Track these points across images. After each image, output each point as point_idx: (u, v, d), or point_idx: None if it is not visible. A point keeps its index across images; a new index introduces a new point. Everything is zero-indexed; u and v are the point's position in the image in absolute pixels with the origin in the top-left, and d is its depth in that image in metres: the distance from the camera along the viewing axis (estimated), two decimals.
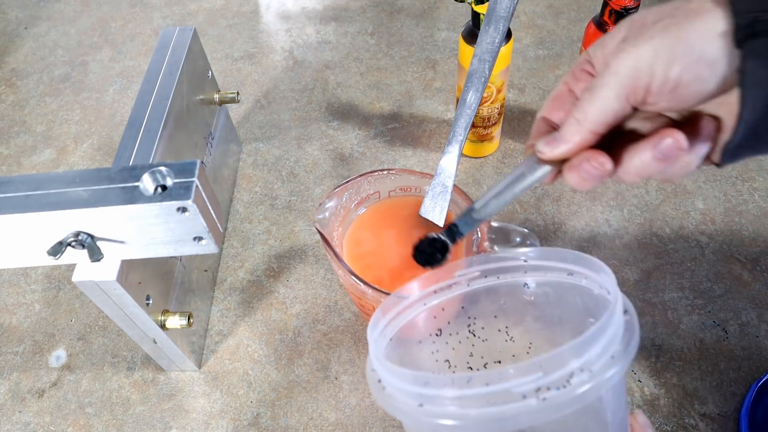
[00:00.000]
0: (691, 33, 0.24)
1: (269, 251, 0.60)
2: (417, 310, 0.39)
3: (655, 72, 0.25)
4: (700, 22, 0.24)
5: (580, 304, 0.36)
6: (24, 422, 0.50)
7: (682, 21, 0.24)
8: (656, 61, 0.25)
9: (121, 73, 0.80)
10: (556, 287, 0.37)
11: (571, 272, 0.35)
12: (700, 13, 0.24)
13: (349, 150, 0.68)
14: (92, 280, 0.39)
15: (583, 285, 0.34)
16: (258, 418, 0.49)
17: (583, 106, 0.27)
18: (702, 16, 0.24)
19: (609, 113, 0.27)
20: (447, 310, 0.40)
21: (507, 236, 0.44)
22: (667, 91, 0.25)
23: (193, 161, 0.35)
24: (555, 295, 0.38)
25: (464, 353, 0.41)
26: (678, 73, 0.25)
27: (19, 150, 0.72)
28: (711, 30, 0.24)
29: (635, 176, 0.28)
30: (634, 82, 0.26)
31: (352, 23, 0.84)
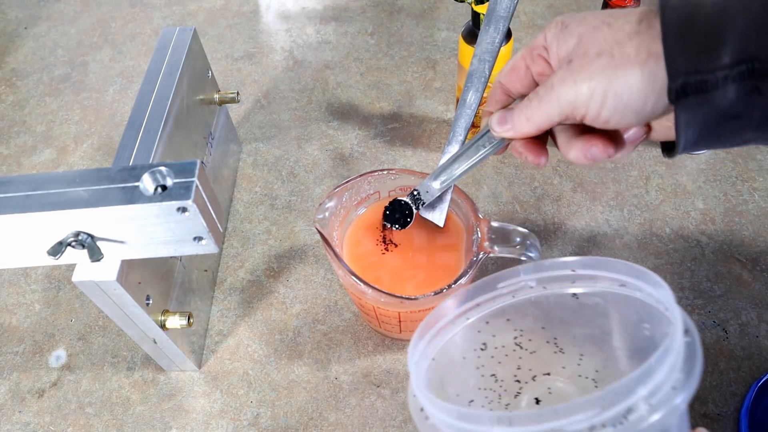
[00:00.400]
0: (623, 83, 0.27)
1: (269, 251, 0.60)
2: (459, 326, 0.38)
3: (589, 108, 0.29)
4: (633, 75, 0.27)
5: (632, 315, 0.34)
6: (24, 422, 0.50)
7: (618, 67, 0.27)
8: (591, 100, 0.28)
9: (121, 73, 0.80)
10: (607, 297, 0.36)
11: (624, 283, 0.34)
12: (634, 65, 0.27)
13: (349, 150, 0.68)
14: (92, 280, 0.39)
15: (636, 297, 0.33)
16: (258, 418, 0.49)
17: (532, 109, 0.32)
18: (635, 69, 0.27)
19: (552, 122, 0.31)
20: (491, 323, 0.39)
21: (507, 236, 0.44)
22: (599, 123, 0.29)
23: (193, 161, 0.35)
24: (605, 306, 0.36)
25: (511, 366, 0.40)
26: (608, 114, 0.29)
27: (19, 150, 0.72)
28: (642, 85, 0.27)
29: (575, 161, 0.33)
30: (572, 110, 0.29)
31: (352, 23, 0.84)
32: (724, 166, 0.64)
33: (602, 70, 0.28)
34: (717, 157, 0.65)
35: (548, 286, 0.37)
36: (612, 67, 0.27)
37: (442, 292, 0.42)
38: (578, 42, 0.29)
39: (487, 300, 0.37)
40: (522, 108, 0.32)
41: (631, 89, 0.27)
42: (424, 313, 0.45)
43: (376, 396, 0.50)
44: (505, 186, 0.63)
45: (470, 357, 0.39)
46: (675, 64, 0.25)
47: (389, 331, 0.50)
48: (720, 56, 0.24)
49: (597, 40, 0.28)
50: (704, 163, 0.64)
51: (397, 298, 0.42)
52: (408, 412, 0.49)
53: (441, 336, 0.37)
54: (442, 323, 0.36)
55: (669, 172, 0.64)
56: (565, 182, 0.63)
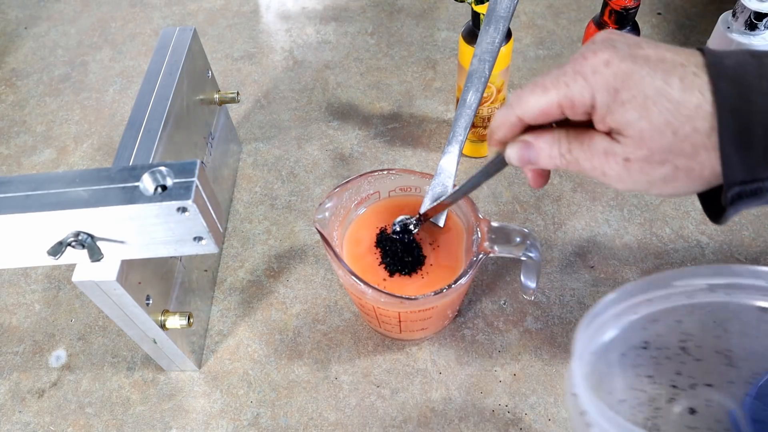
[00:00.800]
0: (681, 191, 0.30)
1: (269, 251, 0.60)
2: (624, 320, 0.35)
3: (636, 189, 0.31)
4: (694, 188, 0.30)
5: None
6: (24, 422, 0.50)
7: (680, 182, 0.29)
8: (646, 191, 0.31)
9: (121, 73, 0.80)
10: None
11: None
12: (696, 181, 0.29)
13: (349, 150, 0.68)
14: (92, 280, 0.39)
15: None
16: (258, 418, 0.49)
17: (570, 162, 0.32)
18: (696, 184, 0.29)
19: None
20: (660, 321, 0.36)
21: (507, 236, 0.44)
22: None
23: (193, 161, 0.35)
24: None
25: (670, 370, 0.38)
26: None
27: (19, 150, 0.72)
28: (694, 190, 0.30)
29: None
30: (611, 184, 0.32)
31: (352, 23, 0.84)
32: None
33: (663, 181, 0.29)
34: None
35: (732, 294, 0.34)
36: (673, 179, 0.29)
37: (442, 292, 0.42)
38: (638, 139, 0.29)
39: (659, 297, 0.35)
40: (557, 155, 0.32)
41: (687, 193, 0.30)
42: (424, 313, 0.45)
43: (376, 396, 0.50)
44: (505, 186, 0.63)
45: (629, 355, 0.37)
46: (732, 175, 0.27)
47: (389, 331, 0.50)
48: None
49: (660, 146, 0.28)
50: None
51: (397, 298, 0.42)
52: (409, 412, 0.49)
53: (604, 329, 0.34)
54: (606, 316, 0.34)
55: None
56: (565, 182, 0.63)
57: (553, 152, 0.32)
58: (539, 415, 0.48)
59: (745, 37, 0.54)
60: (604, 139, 0.30)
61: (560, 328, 0.53)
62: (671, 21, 0.80)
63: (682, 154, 0.28)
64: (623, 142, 0.29)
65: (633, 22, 0.54)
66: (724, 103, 0.27)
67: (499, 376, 0.50)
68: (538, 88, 0.31)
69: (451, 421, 0.48)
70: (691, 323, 0.37)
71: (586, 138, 0.31)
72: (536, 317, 0.54)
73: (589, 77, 0.29)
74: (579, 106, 0.30)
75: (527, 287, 0.48)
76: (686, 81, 0.27)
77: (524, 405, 0.49)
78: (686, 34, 0.78)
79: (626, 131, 0.29)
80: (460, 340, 0.53)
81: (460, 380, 0.50)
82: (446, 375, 0.51)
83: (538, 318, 0.53)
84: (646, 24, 0.79)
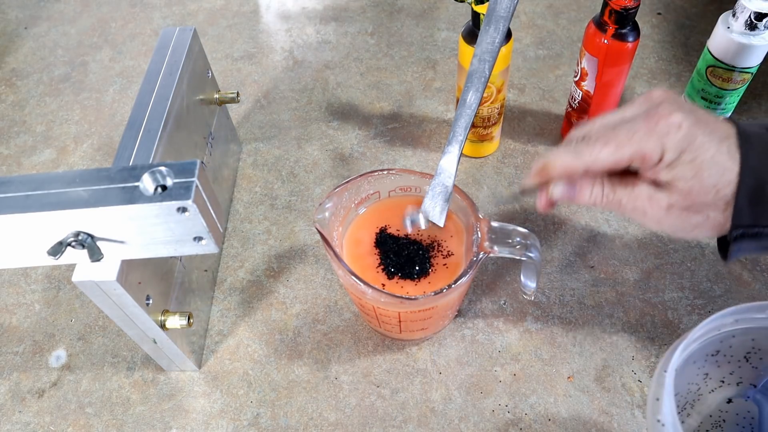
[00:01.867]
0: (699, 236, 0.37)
1: (269, 251, 0.60)
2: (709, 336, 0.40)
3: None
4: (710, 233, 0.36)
5: None
6: (24, 422, 0.50)
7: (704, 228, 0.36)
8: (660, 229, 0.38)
9: (121, 73, 0.80)
10: None
11: None
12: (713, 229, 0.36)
13: (349, 150, 0.68)
14: (92, 280, 0.39)
15: None
16: (258, 418, 0.49)
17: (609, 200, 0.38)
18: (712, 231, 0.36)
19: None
20: (737, 337, 0.41)
21: (507, 236, 0.44)
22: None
23: (193, 161, 0.35)
24: None
25: (726, 371, 0.44)
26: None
27: (19, 150, 0.72)
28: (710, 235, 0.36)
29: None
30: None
31: (352, 23, 0.84)
32: None
33: (692, 227, 0.36)
34: None
35: None
36: (700, 226, 0.35)
37: (442, 292, 0.42)
38: (687, 191, 0.34)
39: (745, 318, 0.40)
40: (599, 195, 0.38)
41: (706, 237, 0.37)
42: (424, 313, 0.45)
43: (376, 396, 0.50)
44: (505, 186, 0.63)
45: (699, 361, 0.42)
46: (739, 219, 0.34)
47: (389, 331, 0.50)
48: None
49: (700, 199, 0.34)
50: None
51: (397, 298, 0.42)
52: (409, 412, 0.49)
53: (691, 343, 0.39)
54: (698, 333, 0.38)
55: None
56: None
57: (595, 192, 0.37)
58: (539, 415, 0.48)
59: (745, 37, 0.54)
60: (649, 186, 0.36)
61: (560, 328, 0.53)
62: (671, 21, 0.80)
63: (716, 208, 0.34)
64: (671, 192, 0.35)
65: (633, 22, 0.54)
66: (746, 166, 0.33)
67: (499, 376, 0.50)
68: (612, 144, 0.35)
69: (451, 421, 0.48)
70: (762, 341, 0.42)
71: (630, 183, 0.36)
72: (536, 317, 0.54)
73: (664, 137, 0.34)
74: (648, 161, 0.35)
75: (527, 287, 0.48)
76: (731, 151, 0.33)
77: (524, 405, 0.49)
78: (686, 34, 0.78)
79: (678, 184, 0.34)
80: (460, 340, 0.53)
81: (460, 380, 0.50)
82: (446, 375, 0.51)
83: (538, 318, 0.53)
84: (646, 24, 0.79)
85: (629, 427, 0.47)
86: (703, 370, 0.43)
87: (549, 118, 0.70)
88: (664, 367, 0.37)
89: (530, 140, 0.68)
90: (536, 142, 0.67)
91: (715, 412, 0.46)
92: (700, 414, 0.45)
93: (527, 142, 0.67)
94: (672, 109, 0.34)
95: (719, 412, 0.46)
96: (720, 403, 0.46)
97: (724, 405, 0.46)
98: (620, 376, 0.50)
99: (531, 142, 0.67)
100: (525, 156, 0.66)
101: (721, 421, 0.45)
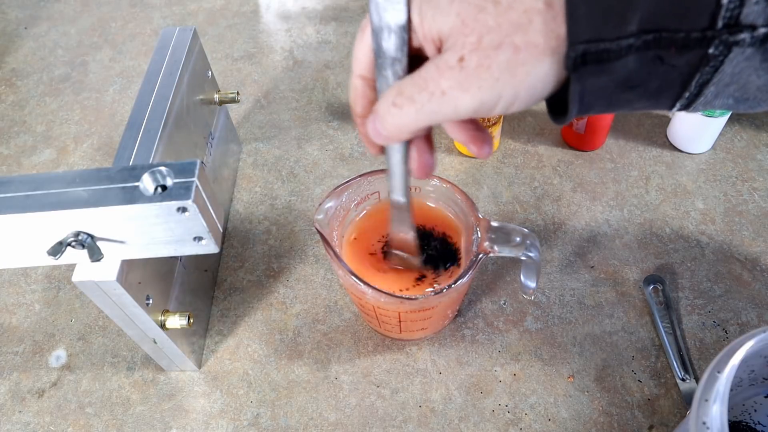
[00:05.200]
0: (535, 78, 0.24)
1: (269, 251, 0.60)
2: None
3: (495, 109, 0.25)
4: (544, 67, 0.24)
5: None
6: (24, 422, 0.50)
7: (527, 62, 0.23)
8: (499, 102, 0.25)
9: (121, 73, 0.80)
10: None
11: None
12: (544, 56, 0.23)
13: (349, 150, 0.68)
14: (92, 280, 0.39)
15: None
16: (258, 418, 0.49)
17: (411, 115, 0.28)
18: (546, 59, 0.23)
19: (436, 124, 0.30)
20: None
21: (507, 236, 0.44)
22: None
23: (193, 161, 0.35)
24: None
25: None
26: (516, 109, 0.26)
27: (19, 150, 0.72)
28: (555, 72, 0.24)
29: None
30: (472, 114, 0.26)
31: (352, 23, 0.84)
32: (724, 166, 0.64)
33: (508, 69, 0.23)
34: (717, 157, 0.65)
35: None
36: (520, 63, 0.23)
37: (442, 292, 0.42)
38: (460, 25, 0.24)
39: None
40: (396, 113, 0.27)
41: (544, 81, 0.24)
42: (424, 313, 0.45)
43: (376, 396, 0.50)
44: (505, 186, 0.63)
45: (750, 360, 0.40)
46: (577, 30, 0.22)
47: (389, 331, 0.50)
48: (627, 23, 0.22)
49: (486, 24, 0.23)
50: (704, 163, 0.64)
51: (397, 298, 0.42)
52: (409, 412, 0.49)
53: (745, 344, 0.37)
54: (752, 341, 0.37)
55: (669, 172, 0.64)
56: (565, 182, 0.63)
57: (384, 105, 0.28)
58: (539, 415, 0.48)
59: None
60: (434, 58, 0.26)
61: (560, 328, 0.53)
62: None
63: (514, 28, 0.23)
64: (451, 43, 0.25)
65: None
66: None
67: (499, 376, 0.50)
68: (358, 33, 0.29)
69: (451, 421, 0.48)
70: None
71: (416, 69, 0.26)
72: (536, 317, 0.54)
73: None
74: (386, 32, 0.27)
75: (527, 287, 0.48)
76: None
77: (524, 405, 0.49)
78: None
79: (446, 28, 0.25)
80: (460, 340, 0.53)
81: (460, 380, 0.50)
82: (446, 375, 0.51)
83: (538, 318, 0.53)
84: None
85: (629, 427, 0.47)
86: (749, 366, 0.43)
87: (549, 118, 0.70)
88: (717, 368, 0.35)
89: (530, 140, 0.68)
90: (536, 142, 0.67)
91: (749, 402, 0.46)
92: (732, 399, 0.45)
93: (527, 142, 0.67)
94: None
95: (753, 403, 0.46)
96: (757, 396, 0.46)
97: (761, 399, 0.46)
98: (620, 376, 0.50)
99: (531, 142, 0.67)
100: (525, 156, 0.66)
101: (753, 410, 0.46)
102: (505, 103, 0.25)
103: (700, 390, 0.35)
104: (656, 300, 0.53)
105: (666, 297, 0.53)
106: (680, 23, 0.21)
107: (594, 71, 0.23)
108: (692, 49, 0.21)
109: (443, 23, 0.25)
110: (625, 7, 0.21)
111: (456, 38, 0.24)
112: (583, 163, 0.65)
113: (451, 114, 0.26)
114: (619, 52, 0.22)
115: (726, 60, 0.21)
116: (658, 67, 0.23)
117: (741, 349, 0.36)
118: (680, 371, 0.49)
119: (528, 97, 0.25)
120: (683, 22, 0.21)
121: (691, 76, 0.22)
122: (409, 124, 0.28)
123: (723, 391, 0.34)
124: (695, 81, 0.23)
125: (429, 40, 0.26)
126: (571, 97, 0.24)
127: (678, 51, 0.22)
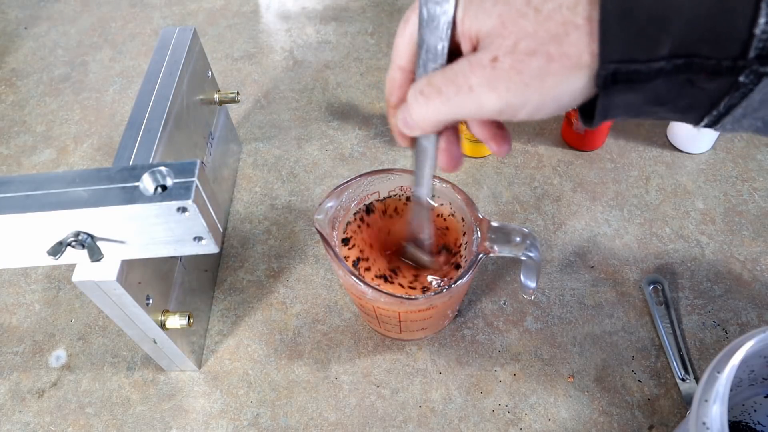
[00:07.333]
0: (564, 89, 0.24)
1: (269, 251, 0.60)
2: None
3: (518, 114, 0.26)
4: (576, 81, 0.24)
5: None
6: (24, 422, 0.50)
7: (559, 73, 0.24)
8: (524, 108, 0.25)
9: (121, 73, 0.80)
10: None
11: None
12: (576, 69, 0.23)
13: (349, 150, 0.68)
14: (92, 280, 0.39)
15: None
16: (258, 418, 0.49)
17: (438, 107, 0.28)
18: (578, 74, 0.24)
19: (460, 120, 0.30)
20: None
21: (507, 236, 0.44)
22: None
23: (193, 161, 0.35)
24: None
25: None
26: (540, 117, 0.26)
27: (19, 150, 0.72)
28: (585, 87, 0.24)
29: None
30: (497, 115, 0.26)
31: (352, 23, 0.84)
32: (724, 166, 0.64)
33: (539, 76, 0.24)
34: (717, 157, 0.65)
35: None
36: (551, 73, 0.24)
37: (442, 292, 0.42)
38: (500, 26, 0.24)
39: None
40: (423, 102, 0.28)
41: (572, 94, 0.24)
42: (424, 313, 0.45)
43: (376, 396, 0.50)
44: (505, 186, 0.63)
45: (749, 359, 0.40)
46: (609, 50, 0.22)
47: (389, 331, 0.50)
48: (659, 46, 0.22)
49: (524, 30, 0.24)
50: (704, 163, 0.64)
51: (397, 298, 0.42)
52: (409, 412, 0.49)
53: (745, 344, 0.37)
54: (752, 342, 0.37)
55: (669, 172, 0.64)
56: (565, 182, 0.63)
57: (412, 93, 0.28)
58: (539, 415, 0.48)
59: None
60: (468, 54, 0.26)
61: (560, 328, 0.53)
62: None
63: (551, 38, 0.23)
64: (487, 43, 0.25)
65: None
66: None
67: (499, 376, 0.50)
68: (401, 24, 0.29)
69: (451, 421, 0.48)
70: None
71: (448, 64, 0.27)
72: (536, 317, 0.54)
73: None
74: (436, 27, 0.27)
75: (527, 287, 0.48)
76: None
77: (524, 405, 0.49)
78: None
79: (486, 28, 0.25)
80: (460, 340, 0.53)
81: (460, 380, 0.50)
82: (446, 375, 0.51)
83: (538, 318, 0.53)
84: None
85: (629, 427, 0.47)
86: (749, 366, 0.43)
87: (549, 118, 0.70)
88: (717, 368, 0.35)
89: (530, 140, 0.68)
90: (536, 142, 0.67)
91: (749, 402, 0.46)
92: (731, 399, 0.45)
93: (527, 142, 0.67)
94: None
95: (753, 403, 0.46)
96: (756, 396, 0.46)
97: (761, 399, 0.46)
98: (620, 376, 0.50)
99: (531, 142, 0.67)
100: (525, 156, 0.66)
101: (752, 410, 0.46)
102: (530, 109, 0.25)
103: (700, 390, 0.35)
104: (656, 300, 0.53)
105: (666, 297, 0.53)
106: (712, 50, 0.21)
107: (623, 89, 0.23)
108: (723, 75, 0.22)
109: (484, 23, 0.25)
110: (658, 30, 0.22)
111: (493, 39, 0.25)
112: (583, 163, 0.65)
113: (475, 111, 0.26)
114: (650, 74, 0.22)
115: (756, 88, 0.22)
116: (688, 89, 0.23)
117: (741, 349, 0.36)
118: (680, 371, 0.49)
119: (554, 106, 0.25)
120: (715, 50, 0.21)
121: (719, 99, 0.23)
122: (434, 116, 0.28)
123: (723, 391, 0.34)
124: (724, 103, 0.23)
125: (466, 37, 0.26)
126: (599, 109, 0.25)
127: (708, 77, 0.22)
